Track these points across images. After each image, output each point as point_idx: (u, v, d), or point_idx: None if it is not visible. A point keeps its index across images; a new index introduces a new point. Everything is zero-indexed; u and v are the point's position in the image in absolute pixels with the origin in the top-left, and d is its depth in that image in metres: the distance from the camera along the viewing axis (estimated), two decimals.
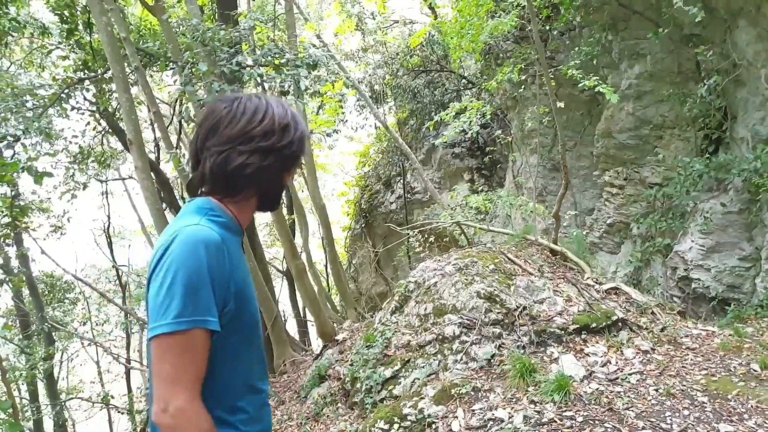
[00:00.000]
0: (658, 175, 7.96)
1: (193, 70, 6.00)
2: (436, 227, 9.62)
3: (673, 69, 7.37)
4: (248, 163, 1.35)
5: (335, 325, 9.53)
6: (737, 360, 4.23)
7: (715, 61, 6.62)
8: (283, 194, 1.69)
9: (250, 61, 6.54)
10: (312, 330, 10.78)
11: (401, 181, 14.84)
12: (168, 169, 11.97)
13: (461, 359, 4.74)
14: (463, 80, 13.47)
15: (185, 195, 11.01)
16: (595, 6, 7.68)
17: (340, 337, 8.17)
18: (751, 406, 3.51)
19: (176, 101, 11.02)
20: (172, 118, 12.04)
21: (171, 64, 6.99)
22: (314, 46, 10.08)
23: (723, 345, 4.51)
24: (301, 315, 14.92)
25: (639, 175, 8.31)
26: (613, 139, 8.42)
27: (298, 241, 12.76)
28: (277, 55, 6.56)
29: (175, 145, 10.98)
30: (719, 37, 6.71)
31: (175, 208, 11.25)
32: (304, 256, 11.14)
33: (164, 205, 10.33)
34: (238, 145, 1.35)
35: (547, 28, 9.18)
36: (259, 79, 6.61)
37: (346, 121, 16.31)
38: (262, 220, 17.72)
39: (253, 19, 7.28)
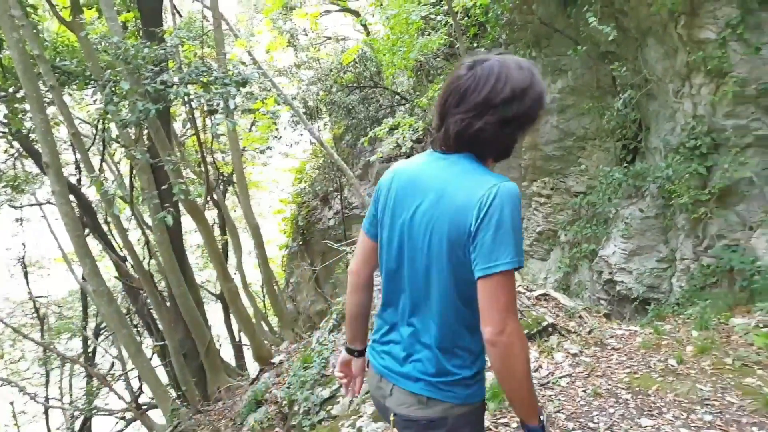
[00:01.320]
0: (582, 184, 8.35)
1: (116, 88, 5.81)
2: None
3: (593, 84, 7.78)
4: (488, 129, 1.46)
5: (272, 347, 9.37)
6: (657, 356, 4.46)
7: (629, 77, 7.04)
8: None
9: (176, 79, 6.39)
10: (249, 354, 10.54)
11: (338, 196, 14.83)
12: (91, 192, 11.40)
13: None
14: (397, 96, 13.68)
15: (109, 219, 10.55)
16: (519, 24, 8.02)
17: (276, 359, 8.04)
18: (669, 400, 3.71)
19: (98, 121, 10.57)
20: (94, 139, 11.53)
21: (91, 82, 6.73)
22: (244, 63, 9.97)
23: (644, 343, 4.74)
24: (237, 339, 14.59)
25: (565, 185, 8.68)
26: (539, 151, 8.77)
27: (233, 261, 12.48)
28: (204, 73, 6.45)
29: (98, 168, 10.53)
30: (632, 54, 7.15)
31: (99, 233, 10.76)
32: (238, 278, 10.92)
33: (86, 231, 9.86)
34: (480, 113, 1.45)
35: (475, 45, 9.50)
36: (186, 97, 6.47)
37: (281, 137, 16.22)
38: (194, 241, 17.17)
39: (179, 37, 7.11)
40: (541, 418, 1.49)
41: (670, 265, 6.88)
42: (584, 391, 3.98)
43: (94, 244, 10.37)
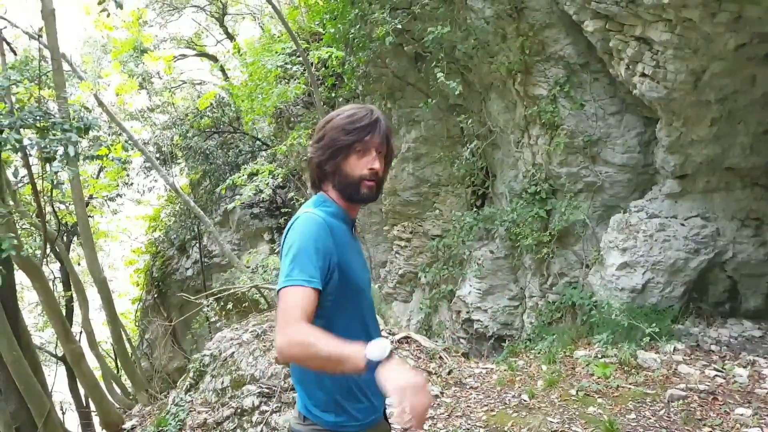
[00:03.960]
0: (438, 228, 8.72)
1: None
2: (234, 293, 9.22)
3: (443, 134, 8.25)
4: (315, 160, 1.72)
5: (123, 411, 8.51)
6: (511, 392, 4.67)
7: (475, 128, 7.58)
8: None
9: (6, 123, 5.70)
10: (98, 420, 9.45)
11: (197, 245, 14.08)
12: None
13: (262, 430, 4.53)
14: (258, 142, 13.49)
15: None
16: (374, 77, 8.33)
17: (128, 425, 7.38)
18: None
19: None
20: None
21: None
22: (87, 108, 9.23)
23: (500, 380, 4.95)
24: (84, 404, 13.04)
25: (423, 228, 9.02)
26: (398, 196, 9.06)
27: (80, 319, 11.27)
28: (40, 118, 5.86)
29: None
30: (477, 107, 7.72)
31: None
32: (84, 337, 9.88)
33: None
34: (314, 147, 1.72)
35: (333, 95, 9.69)
36: (17, 144, 5.78)
37: (132, 183, 15.17)
38: (33, 298, 15.30)
39: (8, 79, 6.39)
40: (364, 352, 1.34)
41: (521, 303, 7.35)
42: None
43: None
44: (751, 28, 4.37)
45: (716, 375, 4.63)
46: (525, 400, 4.49)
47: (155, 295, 15.26)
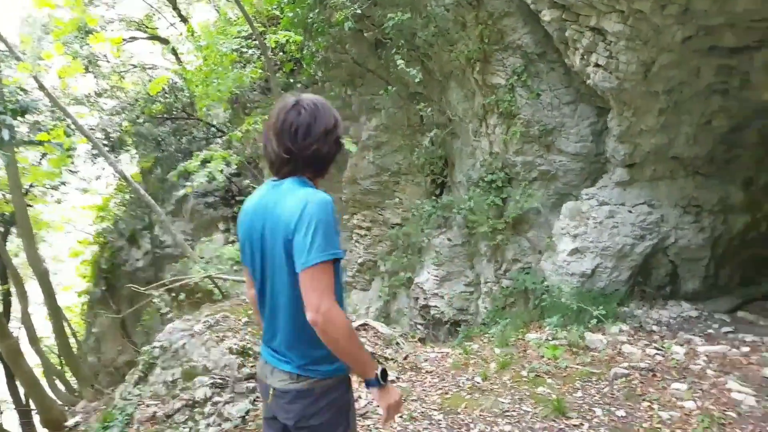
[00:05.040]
0: (398, 216, 8.76)
1: None
2: (187, 283, 9.00)
3: (404, 122, 8.27)
4: (332, 150, 1.90)
5: (66, 408, 8.23)
6: (465, 375, 4.74)
7: (435, 116, 7.62)
8: None
9: None
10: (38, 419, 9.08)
11: (148, 235, 13.70)
12: None
13: (214, 422, 4.45)
14: (213, 128, 13.18)
15: None
16: (334, 63, 8.27)
17: (71, 422, 7.13)
18: (476, 416, 3.96)
19: None
20: None
21: None
22: (23, 90, 8.79)
23: (454, 364, 5.02)
24: (23, 402, 12.51)
25: (382, 217, 9.04)
26: (358, 185, 9.04)
27: (19, 314, 10.78)
28: None
29: None
30: (437, 96, 7.77)
31: None
32: (23, 332, 9.48)
33: None
34: (324, 139, 1.86)
35: (292, 80, 9.56)
36: None
37: (78, 171, 14.61)
38: None
39: None
40: (376, 372, 1.83)
41: (476, 289, 7.47)
42: (401, 417, 4.04)
43: None
44: (698, 20, 4.55)
45: (656, 353, 4.84)
46: (478, 383, 4.57)
47: (103, 288, 14.83)
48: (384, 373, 1.86)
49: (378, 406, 1.93)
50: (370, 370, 1.83)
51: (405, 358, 5.31)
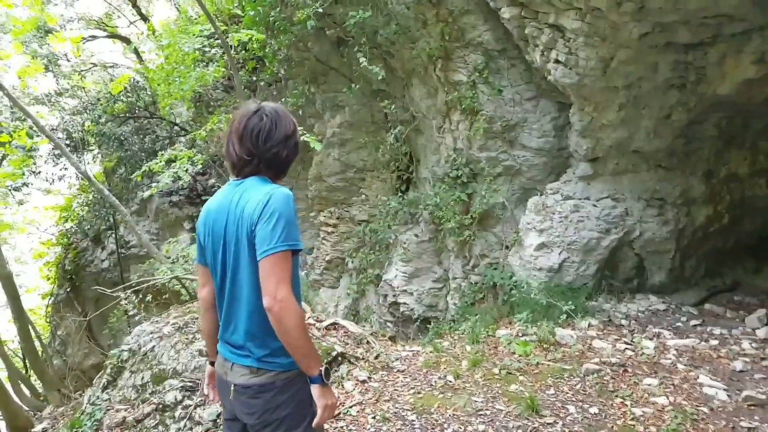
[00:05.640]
0: (364, 213, 8.73)
1: None
2: (153, 284, 8.84)
3: (368, 119, 8.24)
4: (290, 154, 2.04)
5: (33, 414, 8.03)
6: (437, 374, 4.76)
7: (398, 113, 7.60)
8: None
9: None
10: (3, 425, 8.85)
11: (113, 235, 13.40)
12: None
13: (185, 426, 4.39)
14: (176, 127, 12.92)
15: None
16: (296, 61, 8.16)
17: (38, 427, 6.97)
18: (449, 415, 3.97)
19: None
20: None
21: None
22: None
23: (426, 362, 5.03)
24: None
25: (349, 214, 9.00)
26: (324, 182, 8.98)
27: None
28: None
29: None
30: (400, 93, 7.75)
31: None
32: None
33: None
34: (284, 143, 2.00)
35: (254, 78, 9.42)
36: None
37: (39, 172, 14.19)
38: None
39: None
40: (320, 369, 1.88)
41: (445, 285, 7.51)
42: (374, 418, 4.05)
43: None
44: (653, 17, 4.62)
45: (626, 348, 4.93)
46: (450, 381, 4.58)
47: (68, 289, 14.46)
48: (327, 372, 1.91)
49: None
50: (315, 366, 1.89)
51: (376, 358, 5.30)
